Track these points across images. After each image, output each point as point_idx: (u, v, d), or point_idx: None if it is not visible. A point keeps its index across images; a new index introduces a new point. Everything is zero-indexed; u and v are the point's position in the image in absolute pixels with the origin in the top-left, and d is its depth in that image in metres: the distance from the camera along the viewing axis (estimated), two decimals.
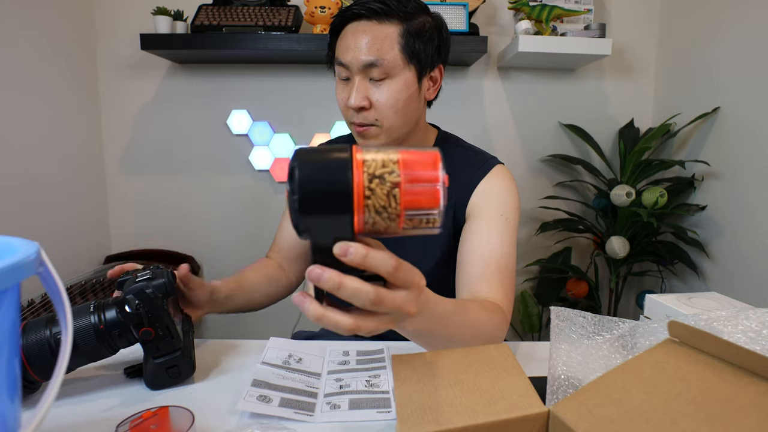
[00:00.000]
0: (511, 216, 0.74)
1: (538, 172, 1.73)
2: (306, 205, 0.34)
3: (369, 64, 0.68)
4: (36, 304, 1.17)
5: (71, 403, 0.55)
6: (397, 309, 0.37)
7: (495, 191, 0.76)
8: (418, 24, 0.71)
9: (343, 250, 0.34)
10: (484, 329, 0.58)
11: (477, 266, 0.69)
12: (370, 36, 0.68)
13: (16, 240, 0.37)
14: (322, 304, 0.37)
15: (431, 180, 0.35)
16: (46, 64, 1.39)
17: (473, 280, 0.68)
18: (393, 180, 0.34)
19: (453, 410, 0.37)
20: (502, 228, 0.72)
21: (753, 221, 1.26)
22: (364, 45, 0.68)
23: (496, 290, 0.66)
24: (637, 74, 1.69)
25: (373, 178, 0.34)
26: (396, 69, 0.70)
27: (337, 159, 0.35)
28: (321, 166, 0.34)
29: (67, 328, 0.35)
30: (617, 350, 0.49)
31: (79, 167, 1.55)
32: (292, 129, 1.68)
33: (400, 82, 0.70)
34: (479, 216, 0.74)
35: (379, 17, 0.69)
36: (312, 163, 0.34)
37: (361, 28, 0.69)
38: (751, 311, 0.46)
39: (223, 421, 0.52)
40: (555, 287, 1.69)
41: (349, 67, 0.70)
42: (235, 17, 1.44)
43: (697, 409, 0.33)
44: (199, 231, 1.72)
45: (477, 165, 0.79)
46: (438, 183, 0.35)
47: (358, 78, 0.70)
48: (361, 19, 0.70)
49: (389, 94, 0.70)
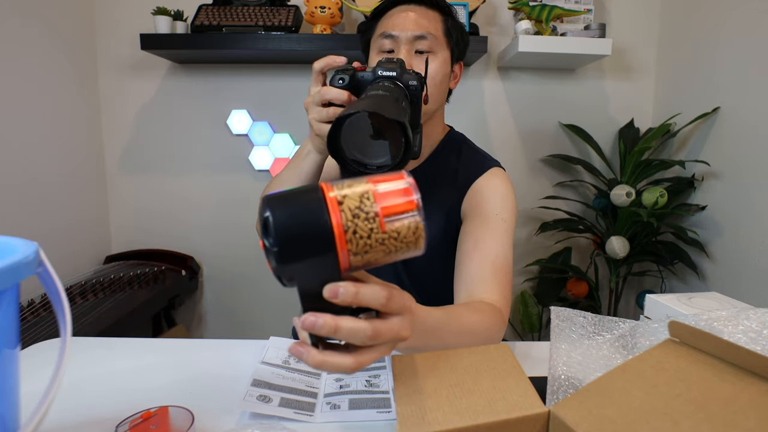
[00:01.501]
0: (507, 216, 0.75)
1: (538, 172, 1.73)
2: (288, 254, 0.33)
3: (419, 36, 0.75)
4: (36, 304, 1.17)
5: (71, 403, 0.55)
6: (394, 337, 0.37)
7: (490, 191, 0.78)
8: (453, 18, 0.81)
9: (333, 292, 0.34)
10: (479, 332, 0.58)
11: (474, 268, 0.70)
12: (420, 15, 0.76)
13: (15, 240, 0.37)
14: (318, 349, 0.37)
15: (408, 205, 0.34)
16: (46, 64, 1.39)
17: (471, 281, 0.69)
18: (371, 211, 0.34)
19: (453, 410, 0.37)
20: (499, 228, 0.73)
21: (753, 221, 1.26)
22: (415, 21, 0.75)
23: (493, 290, 0.67)
24: (637, 74, 1.69)
25: (351, 213, 0.33)
26: (440, 46, 0.77)
27: (310, 200, 0.34)
28: (296, 211, 0.33)
29: (66, 328, 0.35)
30: (617, 350, 0.49)
31: (79, 167, 1.55)
32: (292, 129, 1.68)
33: (441, 58, 0.77)
34: (475, 216, 0.75)
35: (425, 4, 0.78)
36: (285, 209, 0.33)
37: (410, 8, 0.77)
38: (752, 311, 0.46)
39: (223, 421, 0.52)
40: (555, 287, 1.68)
41: (398, 38, 0.75)
42: (235, 17, 1.43)
43: (697, 409, 0.33)
44: (199, 231, 1.72)
45: (475, 164, 0.82)
46: (415, 209, 0.34)
47: (405, 48, 0.75)
48: (410, 2, 0.78)
49: (432, 65, 0.75)
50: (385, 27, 0.76)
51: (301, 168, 0.70)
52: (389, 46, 0.76)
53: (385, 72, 0.61)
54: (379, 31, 0.77)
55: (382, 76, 0.61)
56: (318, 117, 0.61)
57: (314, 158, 0.69)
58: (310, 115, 0.63)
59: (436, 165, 0.83)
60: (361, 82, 0.62)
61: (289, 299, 1.72)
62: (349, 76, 0.61)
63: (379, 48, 0.77)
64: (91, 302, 1.26)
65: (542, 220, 1.69)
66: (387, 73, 0.61)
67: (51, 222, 1.42)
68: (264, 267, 1.73)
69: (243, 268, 1.74)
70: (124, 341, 0.75)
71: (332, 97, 0.60)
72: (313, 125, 0.63)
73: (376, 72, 0.61)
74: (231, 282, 1.75)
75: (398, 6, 0.77)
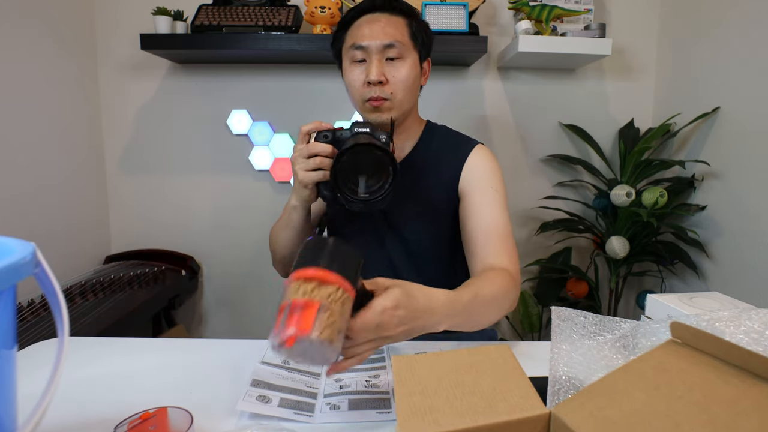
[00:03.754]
0: (500, 187, 0.84)
1: (538, 172, 1.73)
2: None
3: (388, 45, 0.80)
4: (36, 304, 1.17)
5: (69, 404, 0.55)
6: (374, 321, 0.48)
7: (481, 166, 0.86)
8: (416, 20, 0.85)
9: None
10: (500, 299, 0.68)
11: (482, 240, 0.79)
12: (386, 23, 0.81)
13: (12, 241, 0.36)
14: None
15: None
16: (46, 64, 1.39)
17: (482, 253, 0.78)
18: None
19: (453, 412, 0.37)
20: (495, 200, 0.82)
21: (753, 221, 1.26)
22: (383, 30, 0.80)
23: (502, 257, 0.76)
24: (637, 74, 1.69)
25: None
26: (407, 51, 0.82)
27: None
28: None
29: (64, 329, 0.35)
30: (618, 351, 0.49)
31: (79, 167, 1.55)
32: (292, 129, 1.68)
33: (410, 62, 0.82)
34: (473, 192, 0.84)
35: (389, 11, 0.83)
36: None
37: (376, 18, 0.82)
38: (754, 311, 0.46)
39: (222, 421, 0.52)
40: (555, 287, 1.68)
41: (368, 48, 0.80)
42: (235, 17, 1.43)
43: (700, 411, 0.32)
44: (199, 231, 1.72)
45: (462, 144, 0.90)
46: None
47: (376, 58, 0.80)
48: (375, 11, 0.82)
49: (402, 71, 0.81)
50: (355, 38, 0.81)
51: (291, 220, 0.82)
52: (361, 56, 0.81)
53: (359, 129, 0.72)
54: (350, 42, 0.83)
55: (357, 132, 0.72)
56: (305, 167, 0.72)
57: (300, 211, 0.80)
58: (297, 166, 0.73)
59: (423, 153, 0.90)
60: (340, 139, 0.73)
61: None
62: (331, 134, 0.73)
63: (351, 58, 0.83)
64: (91, 302, 1.26)
65: (542, 220, 1.69)
66: (361, 129, 0.72)
67: (51, 222, 1.42)
68: (264, 267, 1.73)
69: (243, 268, 1.73)
70: (124, 341, 0.75)
71: (318, 150, 0.71)
72: (300, 175, 0.72)
73: (353, 129, 0.73)
74: (231, 282, 1.75)
75: (365, 15, 0.83)
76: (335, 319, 0.42)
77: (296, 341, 0.41)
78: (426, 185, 0.87)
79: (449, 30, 1.41)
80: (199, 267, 1.73)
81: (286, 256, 0.89)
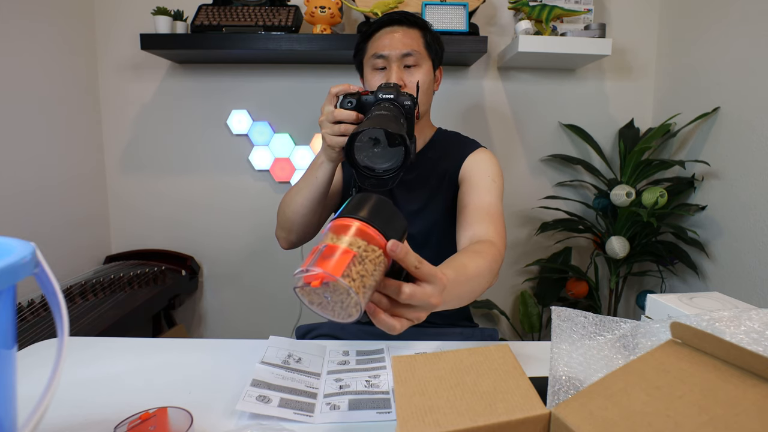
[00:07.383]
0: (497, 179, 0.90)
1: (538, 172, 1.73)
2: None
3: (406, 53, 0.88)
4: (36, 304, 1.17)
5: (69, 404, 0.55)
6: (426, 302, 0.45)
7: (481, 162, 0.93)
8: (430, 32, 0.94)
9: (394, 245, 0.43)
10: (484, 272, 0.68)
11: (470, 214, 0.83)
12: (404, 35, 0.90)
13: (12, 240, 0.36)
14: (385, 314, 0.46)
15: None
16: (46, 65, 1.39)
17: (469, 225, 0.82)
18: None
19: (453, 412, 0.37)
20: (490, 186, 0.88)
21: (753, 221, 1.26)
22: (401, 40, 0.89)
23: (488, 228, 0.80)
24: (637, 74, 1.69)
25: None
26: (423, 59, 0.91)
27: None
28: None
29: (63, 329, 0.35)
30: (619, 351, 0.49)
31: (79, 167, 1.55)
32: (292, 129, 1.68)
33: (425, 68, 0.91)
34: (471, 179, 0.90)
35: (406, 24, 0.92)
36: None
37: (394, 30, 0.91)
38: (754, 311, 0.46)
39: (222, 421, 0.52)
40: (555, 287, 1.68)
41: (388, 57, 0.89)
42: (235, 17, 1.43)
43: (700, 411, 0.32)
44: (199, 231, 1.72)
45: (466, 144, 0.99)
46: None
47: (395, 65, 0.88)
48: (393, 24, 0.91)
49: (419, 77, 0.89)
50: (376, 48, 0.90)
51: (316, 177, 0.83)
52: (381, 64, 0.90)
53: (384, 95, 0.76)
54: (371, 52, 0.91)
55: (382, 99, 0.75)
56: (331, 132, 0.75)
57: (327, 167, 0.82)
58: (324, 130, 0.76)
59: (431, 152, 0.97)
60: (365, 104, 0.76)
61: (289, 299, 1.71)
62: (356, 99, 0.76)
63: (373, 66, 0.91)
64: (91, 302, 1.26)
65: (542, 220, 1.68)
66: (386, 95, 0.75)
67: (51, 222, 1.42)
68: (264, 267, 1.73)
69: (243, 268, 1.73)
70: (124, 341, 0.75)
71: (343, 118, 0.74)
72: (327, 138, 0.75)
73: (377, 95, 0.76)
74: (231, 282, 1.75)
75: (384, 28, 0.91)
76: (366, 274, 0.40)
77: (322, 283, 0.39)
78: (429, 179, 0.94)
79: (449, 30, 1.41)
80: (199, 267, 1.73)
81: (296, 221, 0.89)
